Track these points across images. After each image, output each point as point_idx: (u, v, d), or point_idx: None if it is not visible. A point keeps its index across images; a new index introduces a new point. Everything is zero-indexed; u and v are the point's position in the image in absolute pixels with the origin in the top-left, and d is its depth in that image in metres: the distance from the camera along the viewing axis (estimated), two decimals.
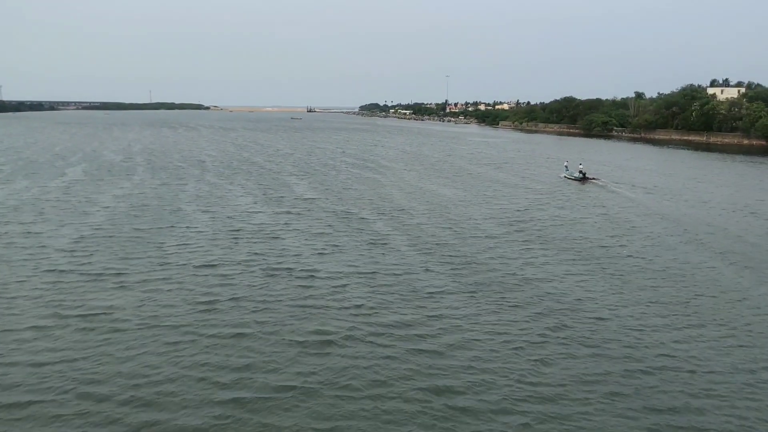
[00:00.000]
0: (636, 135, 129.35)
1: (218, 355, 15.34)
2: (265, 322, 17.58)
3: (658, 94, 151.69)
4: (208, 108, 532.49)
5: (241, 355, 15.43)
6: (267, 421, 12.46)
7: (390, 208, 36.57)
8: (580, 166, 53.76)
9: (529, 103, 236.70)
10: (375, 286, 21.08)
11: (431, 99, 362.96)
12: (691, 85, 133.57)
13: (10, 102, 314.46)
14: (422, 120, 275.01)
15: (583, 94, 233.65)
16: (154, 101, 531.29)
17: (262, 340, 16.32)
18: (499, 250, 26.57)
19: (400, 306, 19.15)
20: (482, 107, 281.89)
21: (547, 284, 21.67)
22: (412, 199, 40.74)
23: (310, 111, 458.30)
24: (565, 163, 57.89)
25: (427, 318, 18.14)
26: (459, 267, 23.66)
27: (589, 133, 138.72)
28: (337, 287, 20.90)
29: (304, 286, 21.01)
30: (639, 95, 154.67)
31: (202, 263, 23.52)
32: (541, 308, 19.14)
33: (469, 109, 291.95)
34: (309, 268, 23.06)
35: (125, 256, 24.30)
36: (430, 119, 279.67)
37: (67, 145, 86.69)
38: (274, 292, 20.30)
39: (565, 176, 54.01)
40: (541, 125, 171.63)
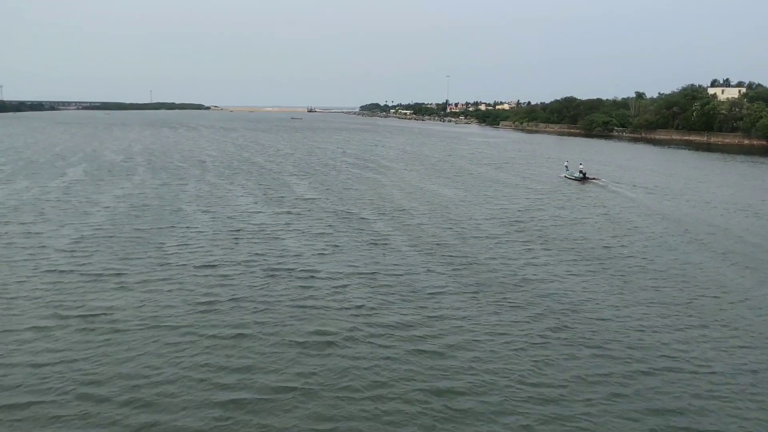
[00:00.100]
0: (637, 135, 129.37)
1: (218, 356, 15.31)
2: (265, 323, 17.55)
3: (659, 94, 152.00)
4: (208, 108, 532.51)
5: (242, 355, 15.39)
6: (267, 422, 12.43)
7: (391, 208, 36.54)
8: (581, 166, 53.70)
9: (529, 103, 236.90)
10: (376, 287, 21.04)
11: (432, 99, 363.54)
12: (692, 85, 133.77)
13: (10, 102, 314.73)
14: (423, 120, 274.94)
15: (583, 94, 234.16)
16: (154, 101, 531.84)
17: (262, 341, 16.28)
18: (499, 250, 26.54)
19: (400, 306, 19.12)
20: (483, 107, 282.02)
21: (548, 284, 21.63)
22: (412, 199, 40.71)
23: (310, 111, 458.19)
24: (566, 163, 57.80)
25: (427, 318, 18.11)
26: (460, 267, 23.63)
27: (589, 133, 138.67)
28: (337, 288, 20.87)
29: (305, 286, 20.99)
30: (640, 95, 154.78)
31: (203, 263, 23.50)
32: (542, 309, 19.10)
33: (470, 109, 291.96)
34: (309, 269, 23.03)
35: (125, 257, 24.27)
36: (430, 119, 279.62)
37: (68, 145, 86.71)
38: (274, 292, 20.27)
39: (566, 176, 53.94)
40: (542, 125, 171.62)
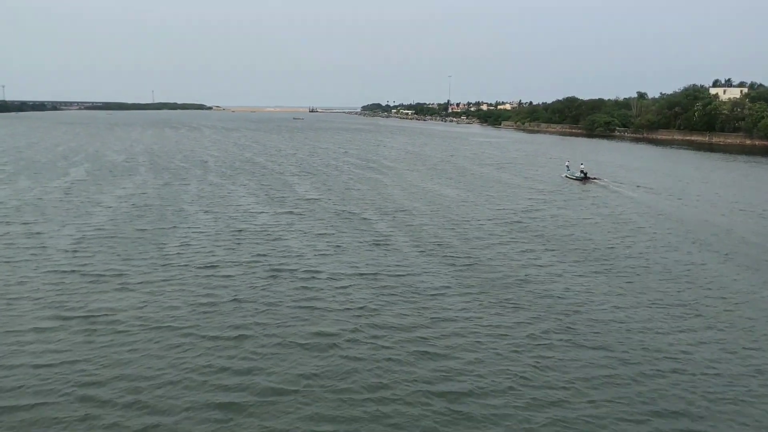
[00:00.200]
0: (638, 135, 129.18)
1: (220, 357, 15.27)
2: (267, 324, 17.51)
3: (661, 94, 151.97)
4: (210, 108, 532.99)
5: (244, 357, 15.36)
6: (269, 424, 12.39)
7: (393, 209, 36.49)
8: (582, 165, 53.61)
9: (531, 103, 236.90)
10: (378, 287, 21.00)
11: (433, 99, 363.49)
12: (694, 86, 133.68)
13: (13, 102, 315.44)
14: (424, 120, 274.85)
15: (585, 95, 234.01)
16: (156, 101, 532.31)
17: (264, 342, 16.25)
18: (501, 250, 26.48)
19: (402, 307, 19.08)
20: (484, 107, 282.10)
21: (550, 285, 21.57)
22: (414, 199, 40.66)
23: (312, 111, 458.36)
24: (567, 163, 57.69)
25: (430, 320, 18.06)
26: (462, 268, 23.58)
27: (591, 133, 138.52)
28: (339, 288, 20.83)
29: (307, 287, 20.95)
30: (641, 95, 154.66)
31: (205, 264, 23.47)
32: (544, 309, 19.04)
33: (472, 109, 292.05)
34: (311, 269, 23.00)
35: (127, 257, 24.26)
36: (432, 119, 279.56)
37: (70, 145, 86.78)
38: (276, 293, 20.24)
39: (567, 176, 53.85)
40: (544, 125, 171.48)
